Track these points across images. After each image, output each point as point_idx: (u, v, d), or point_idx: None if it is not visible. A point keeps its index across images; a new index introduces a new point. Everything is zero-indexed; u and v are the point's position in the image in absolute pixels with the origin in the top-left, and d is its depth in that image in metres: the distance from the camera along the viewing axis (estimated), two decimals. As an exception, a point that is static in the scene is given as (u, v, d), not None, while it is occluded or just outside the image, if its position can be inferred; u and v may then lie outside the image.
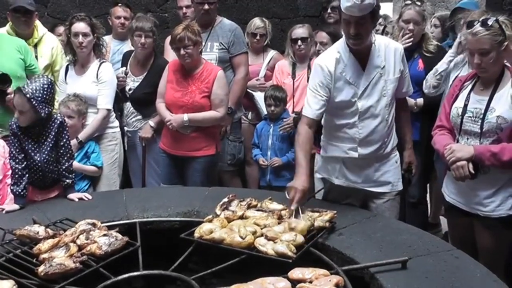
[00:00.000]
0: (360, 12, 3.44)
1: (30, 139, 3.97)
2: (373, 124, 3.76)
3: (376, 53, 3.71)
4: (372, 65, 3.71)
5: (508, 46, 3.37)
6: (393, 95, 3.80)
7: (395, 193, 3.94)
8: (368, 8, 3.44)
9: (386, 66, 3.73)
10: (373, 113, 3.74)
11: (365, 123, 3.76)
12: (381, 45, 3.74)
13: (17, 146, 3.95)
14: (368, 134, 3.77)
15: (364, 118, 3.75)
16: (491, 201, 3.50)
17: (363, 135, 3.77)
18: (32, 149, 3.97)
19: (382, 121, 3.76)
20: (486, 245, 3.58)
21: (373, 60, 3.71)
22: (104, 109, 5.18)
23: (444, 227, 5.75)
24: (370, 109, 3.73)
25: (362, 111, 3.73)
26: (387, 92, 3.74)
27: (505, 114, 3.39)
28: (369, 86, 3.71)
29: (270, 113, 5.58)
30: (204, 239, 3.19)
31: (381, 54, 3.73)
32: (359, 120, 3.75)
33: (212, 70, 5.01)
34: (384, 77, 3.72)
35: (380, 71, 3.71)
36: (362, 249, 3.10)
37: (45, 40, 5.69)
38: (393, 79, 3.75)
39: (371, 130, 3.76)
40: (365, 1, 3.38)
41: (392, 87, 3.76)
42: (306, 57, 5.72)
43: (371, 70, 3.71)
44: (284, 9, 7.59)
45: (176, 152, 5.07)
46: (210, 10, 5.61)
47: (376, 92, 3.72)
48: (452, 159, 3.46)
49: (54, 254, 3.00)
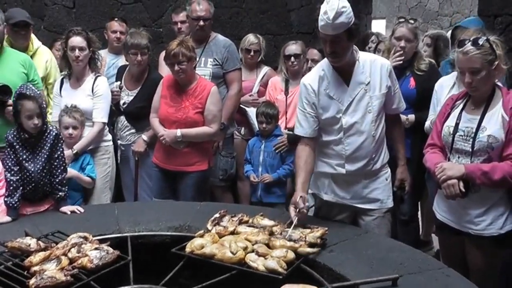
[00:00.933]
0: (334, 31, 3.47)
1: (25, 149, 3.98)
2: (359, 140, 3.75)
3: (360, 70, 3.72)
4: (356, 81, 3.72)
5: (499, 65, 3.39)
6: (380, 111, 3.80)
7: (385, 210, 3.91)
8: (341, 27, 3.46)
9: (372, 82, 3.73)
10: (358, 129, 3.74)
11: (351, 140, 3.76)
12: (366, 62, 3.75)
13: (12, 158, 3.96)
14: (354, 150, 3.77)
15: (350, 135, 3.75)
16: (482, 219, 3.49)
17: (349, 152, 3.77)
18: (27, 159, 3.98)
19: (368, 137, 3.76)
20: (477, 264, 3.58)
21: (357, 77, 3.72)
22: (100, 122, 5.19)
23: (436, 245, 5.75)
24: (355, 125, 3.74)
25: (347, 127, 3.74)
26: (372, 108, 3.74)
27: (496, 133, 3.39)
28: (353, 102, 3.72)
29: (261, 129, 5.58)
30: (195, 254, 3.20)
31: (366, 70, 3.73)
32: (344, 136, 3.76)
33: (206, 86, 5.03)
34: (369, 93, 3.72)
35: (364, 87, 3.72)
36: (353, 266, 3.10)
37: (40, 53, 5.70)
38: (379, 95, 3.75)
39: (357, 146, 3.76)
40: (337, 20, 3.41)
41: (378, 103, 3.76)
42: (299, 74, 5.72)
43: (355, 86, 3.72)
44: (277, 26, 7.65)
45: (169, 167, 5.08)
46: (204, 26, 5.66)
47: (361, 108, 3.73)
48: (443, 177, 3.45)
49: (46, 266, 2.99)
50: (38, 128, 3.95)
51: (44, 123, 4.00)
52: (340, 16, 3.41)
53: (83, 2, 7.18)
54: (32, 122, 3.91)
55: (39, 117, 3.93)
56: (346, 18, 3.43)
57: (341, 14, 3.41)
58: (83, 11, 7.19)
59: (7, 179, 3.95)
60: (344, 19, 3.43)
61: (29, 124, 3.91)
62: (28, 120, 3.91)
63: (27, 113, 3.91)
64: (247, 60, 6.24)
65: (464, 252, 3.67)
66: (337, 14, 3.39)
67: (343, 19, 3.43)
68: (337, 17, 3.40)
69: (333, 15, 3.38)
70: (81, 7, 7.18)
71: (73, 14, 7.17)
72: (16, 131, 3.99)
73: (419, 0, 20.52)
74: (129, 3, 7.29)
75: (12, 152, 3.96)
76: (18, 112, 3.94)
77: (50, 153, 4.04)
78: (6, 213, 3.92)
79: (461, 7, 19.80)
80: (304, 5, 7.77)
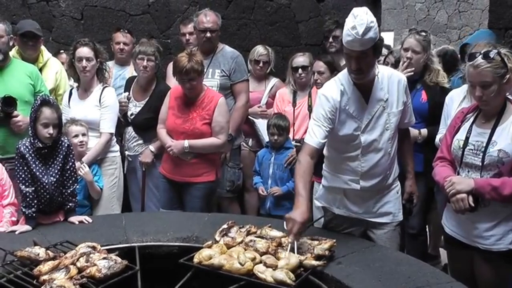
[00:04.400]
0: (361, 47, 3.39)
1: (38, 161, 3.97)
2: (376, 158, 3.71)
3: (379, 86, 3.65)
4: (375, 98, 3.65)
5: (510, 79, 3.34)
6: (396, 127, 3.76)
7: (396, 223, 3.89)
8: (370, 43, 3.39)
9: (390, 98, 3.67)
10: (376, 147, 3.70)
11: (368, 157, 3.71)
12: (384, 77, 3.68)
13: (25, 169, 3.95)
14: (370, 167, 3.73)
15: (367, 152, 3.70)
16: (491, 234, 3.46)
17: (365, 169, 3.73)
18: (40, 171, 3.97)
19: (384, 155, 3.72)
20: (486, 279, 3.55)
21: (376, 93, 3.65)
22: (107, 133, 5.22)
23: (443, 259, 5.73)
24: (374, 143, 3.68)
25: (365, 145, 3.68)
26: (390, 126, 3.69)
27: (507, 148, 3.35)
28: (372, 120, 3.66)
29: (273, 142, 5.58)
30: (203, 265, 3.20)
31: (384, 87, 3.67)
32: (361, 154, 3.71)
33: (213, 97, 5.04)
34: (387, 110, 3.67)
35: (383, 104, 3.65)
36: (361, 279, 3.09)
37: (50, 65, 5.74)
38: (396, 112, 3.70)
39: (373, 163, 3.72)
40: (366, 35, 3.34)
41: (395, 120, 3.71)
42: (307, 85, 5.76)
43: (374, 104, 3.65)
44: (285, 37, 7.66)
45: (176, 178, 5.08)
46: (212, 38, 5.67)
47: (379, 126, 3.67)
48: (452, 191, 3.43)
49: (54, 276, 3.00)
50: (52, 139, 3.94)
51: (58, 135, 4.01)
52: (369, 31, 3.34)
53: (91, 13, 7.20)
54: (47, 131, 3.90)
55: (55, 128, 3.93)
56: (374, 33, 3.37)
57: (370, 29, 3.34)
58: (91, 23, 7.21)
59: (23, 191, 3.94)
60: (372, 34, 3.36)
61: (44, 133, 3.90)
62: (44, 128, 3.90)
63: (44, 121, 3.90)
64: (256, 72, 6.26)
65: (473, 266, 3.64)
66: (366, 29, 3.32)
67: (372, 34, 3.36)
68: (366, 33, 3.33)
69: (363, 30, 3.31)
70: (89, 18, 7.20)
71: (81, 25, 7.18)
72: (30, 140, 3.97)
73: (428, 13, 20.47)
74: (137, 14, 7.30)
75: (25, 164, 3.95)
76: (36, 119, 3.93)
77: (62, 165, 4.05)
78: (25, 222, 3.94)
79: (470, 20, 19.80)
80: (312, 17, 7.77)
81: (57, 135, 3.97)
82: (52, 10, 7.12)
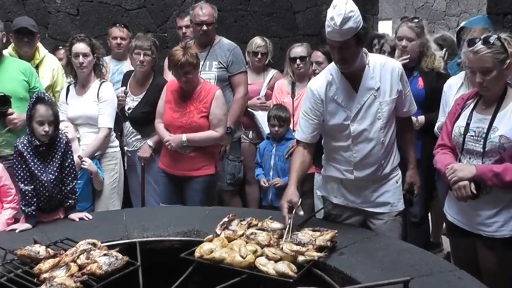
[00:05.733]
0: (342, 37, 3.35)
1: (36, 159, 3.95)
2: (368, 147, 3.67)
3: (370, 75, 3.61)
4: (365, 87, 3.61)
5: (510, 64, 3.30)
6: (390, 117, 3.69)
7: (395, 213, 3.84)
8: (350, 33, 3.34)
9: (382, 87, 3.62)
10: (367, 136, 3.65)
11: (359, 147, 3.67)
12: (376, 66, 3.63)
13: (24, 167, 3.92)
14: (362, 157, 3.69)
15: (358, 142, 3.67)
16: (494, 221, 3.45)
17: (357, 159, 3.69)
18: (39, 169, 3.94)
19: (377, 144, 3.67)
20: (489, 266, 3.53)
21: (366, 82, 3.61)
22: (106, 127, 5.21)
23: (446, 247, 5.71)
24: (364, 132, 3.64)
25: (355, 134, 3.65)
26: (382, 115, 3.63)
27: (508, 133, 3.32)
28: (362, 109, 3.61)
29: (274, 133, 5.57)
30: (204, 259, 3.18)
31: (376, 75, 3.62)
32: (352, 143, 3.67)
33: (210, 90, 5.02)
34: (378, 99, 3.61)
35: (374, 93, 3.60)
36: (363, 269, 3.08)
37: (46, 61, 5.72)
38: (389, 100, 3.64)
39: (365, 153, 3.67)
40: (345, 25, 3.29)
41: (388, 109, 3.65)
42: (305, 76, 5.72)
43: (363, 93, 3.61)
44: (283, 28, 7.64)
45: (175, 172, 5.06)
46: (208, 31, 5.65)
47: (370, 115, 3.63)
48: (453, 179, 3.41)
49: (55, 273, 2.98)
50: (48, 136, 3.91)
51: (56, 132, 3.97)
52: (348, 21, 3.29)
53: (87, 9, 7.18)
54: (43, 128, 3.86)
55: (50, 125, 3.89)
56: (354, 23, 3.31)
57: (349, 19, 3.29)
58: (87, 18, 7.18)
59: (22, 189, 3.92)
60: (352, 24, 3.31)
61: (40, 131, 3.87)
62: (40, 126, 3.87)
63: (39, 119, 3.87)
64: (254, 63, 6.24)
65: (476, 254, 3.62)
66: (344, 19, 3.27)
67: (351, 24, 3.30)
68: (344, 23, 3.28)
69: (340, 20, 3.27)
70: (85, 14, 7.17)
71: (77, 21, 7.16)
72: (27, 138, 3.94)
73: (426, 1, 20.40)
74: (133, 9, 7.28)
75: (23, 162, 3.92)
76: (31, 117, 3.91)
77: (61, 162, 4.03)
78: (25, 221, 3.92)
79: (469, 6, 19.74)
80: (309, 7, 7.76)
81: (53, 132, 3.94)
82: (48, 7, 7.11)
